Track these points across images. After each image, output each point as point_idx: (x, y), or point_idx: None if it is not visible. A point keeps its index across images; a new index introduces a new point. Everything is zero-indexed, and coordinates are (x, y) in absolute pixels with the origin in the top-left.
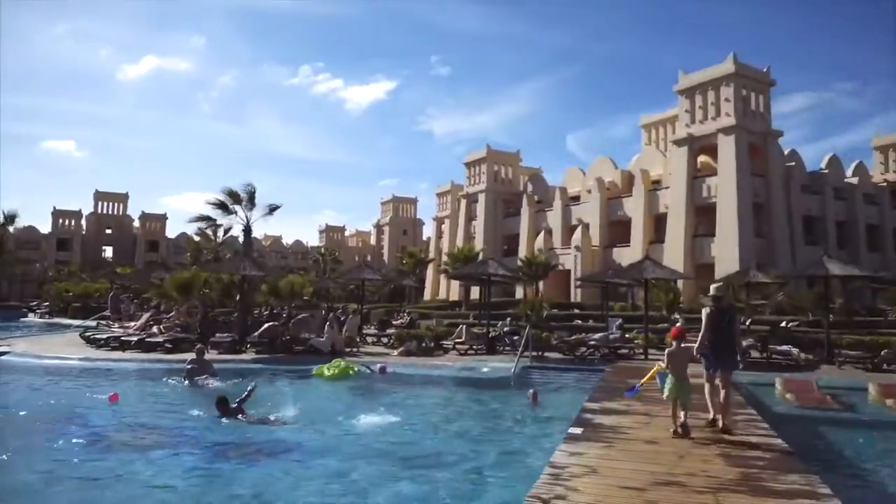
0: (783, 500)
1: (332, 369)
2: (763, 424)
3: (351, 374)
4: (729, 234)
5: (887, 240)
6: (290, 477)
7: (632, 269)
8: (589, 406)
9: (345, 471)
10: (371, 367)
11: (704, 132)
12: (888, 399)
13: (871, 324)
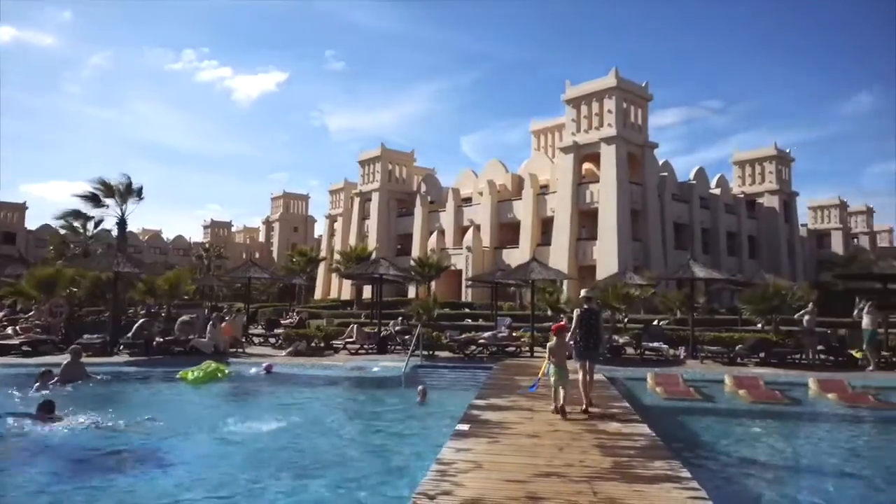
0: (649, 485)
1: (197, 372)
2: (635, 416)
3: (220, 376)
4: (609, 238)
5: (744, 246)
6: (154, 490)
7: (520, 270)
8: (476, 403)
9: (214, 482)
10: (259, 368)
11: (589, 141)
12: (740, 389)
13: (729, 322)
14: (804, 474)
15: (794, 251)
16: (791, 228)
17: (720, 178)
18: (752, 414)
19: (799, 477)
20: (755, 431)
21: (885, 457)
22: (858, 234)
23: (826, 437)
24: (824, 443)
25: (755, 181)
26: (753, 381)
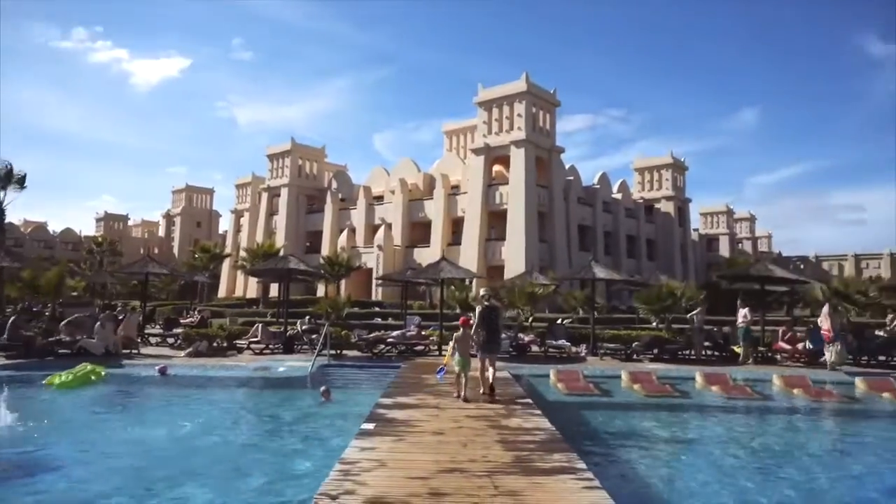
0: (547, 477)
1: (66, 375)
2: (537, 411)
3: (94, 379)
4: (517, 239)
5: (642, 248)
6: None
7: (430, 269)
8: (383, 402)
9: (92, 495)
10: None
11: (499, 143)
12: (635, 384)
13: (627, 320)
14: (691, 461)
15: (687, 254)
16: (684, 233)
17: (622, 184)
18: (646, 407)
19: (686, 464)
20: (648, 423)
21: (760, 441)
22: (743, 239)
23: (710, 427)
24: (708, 431)
25: (653, 187)
26: (647, 376)
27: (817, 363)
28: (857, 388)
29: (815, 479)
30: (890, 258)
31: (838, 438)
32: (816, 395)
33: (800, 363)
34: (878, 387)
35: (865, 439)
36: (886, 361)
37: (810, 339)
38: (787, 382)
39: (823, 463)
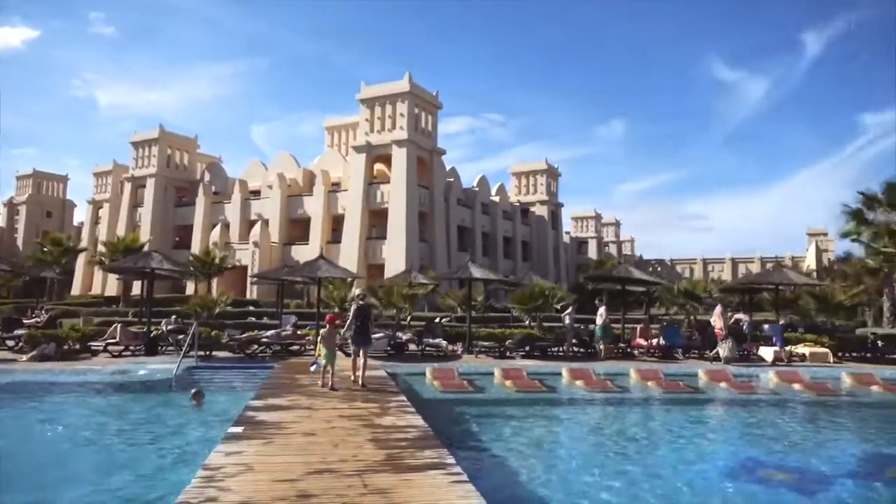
0: (417, 473)
1: None
2: (411, 409)
3: None
4: (398, 238)
5: (518, 249)
6: None
7: (307, 267)
8: (253, 404)
9: None
10: None
11: (381, 142)
12: (507, 380)
13: (503, 319)
14: (556, 451)
15: (559, 256)
16: (557, 235)
17: (500, 187)
18: (517, 402)
19: (551, 454)
20: (518, 417)
21: (617, 429)
22: (609, 243)
23: (574, 418)
24: (571, 422)
25: (529, 191)
26: (518, 372)
27: (670, 357)
28: (701, 380)
29: (663, 461)
30: (731, 262)
31: (683, 424)
32: (667, 387)
33: (654, 358)
34: (716, 378)
35: (708, 424)
36: None
37: (664, 335)
38: (643, 376)
39: (670, 446)
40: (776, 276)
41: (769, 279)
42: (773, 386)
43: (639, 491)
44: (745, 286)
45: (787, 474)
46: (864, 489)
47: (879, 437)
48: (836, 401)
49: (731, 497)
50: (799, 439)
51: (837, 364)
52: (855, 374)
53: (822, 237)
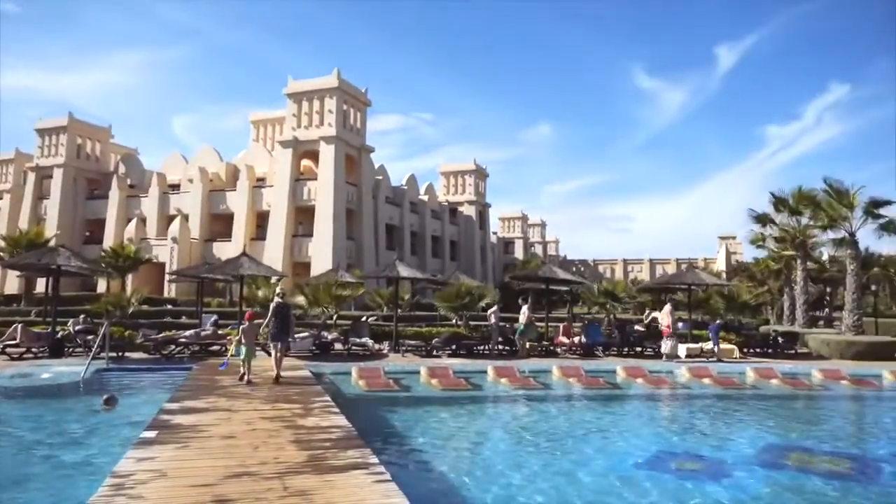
0: (339, 474)
1: None
2: (335, 410)
3: None
4: (324, 236)
5: (446, 249)
6: None
7: (229, 264)
8: (168, 407)
9: None
10: None
11: (308, 138)
12: (433, 379)
13: (430, 318)
14: (480, 448)
15: (487, 255)
16: (484, 235)
17: (429, 186)
18: (441, 400)
19: (476, 451)
20: (443, 415)
21: (539, 424)
22: (535, 243)
23: (498, 415)
24: (497, 419)
25: (457, 191)
26: (444, 370)
27: (590, 355)
28: (619, 376)
29: (582, 454)
30: (649, 263)
31: (602, 419)
32: (588, 383)
33: (576, 355)
34: (633, 374)
35: (625, 418)
36: (642, 352)
37: (585, 334)
38: (564, 373)
39: (589, 440)
40: (689, 276)
41: (682, 279)
42: (684, 381)
43: (559, 484)
44: (660, 286)
45: (697, 463)
46: (766, 475)
47: (779, 426)
48: (740, 394)
49: (644, 487)
50: (708, 430)
51: (743, 359)
52: (757, 369)
53: (731, 241)
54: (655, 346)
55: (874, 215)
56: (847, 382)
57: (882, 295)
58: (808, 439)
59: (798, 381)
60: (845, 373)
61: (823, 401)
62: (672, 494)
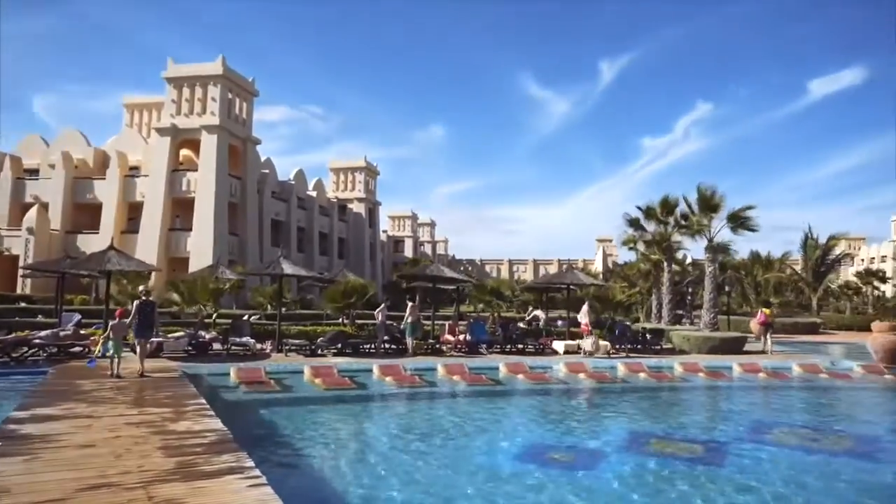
0: (211, 480)
1: None
2: (210, 413)
3: None
4: (205, 230)
5: (334, 246)
6: None
7: (94, 259)
8: (15, 416)
9: None
10: None
11: (189, 126)
12: (317, 378)
13: (317, 316)
14: (362, 448)
15: (376, 254)
16: (374, 233)
17: (317, 182)
18: (325, 400)
19: (358, 450)
20: (325, 415)
21: (425, 423)
22: (424, 242)
23: (382, 414)
24: (381, 418)
25: (347, 188)
26: (328, 370)
27: (475, 352)
28: (501, 372)
29: (464, 449)
30: (533, 264)
31: (484, 414)
32: (471, 380)
33: (461, 353)
34: (514, 370)
35: (506, 413)
36: (523, 349)
37: (470, 332)
38: (449, 370)
39: (469, 436)
40: (568, 276)
41: (562, 279)
42: (562, 376)
43: (439, 481)
44: (541, 285)
45: (571, 454)
46: (632, 462)
47: (645, 416)
48: (612, 387)
49: (521, 479)
50: (582, 422)
51: (615, 355)
52: (627, 364)
53: (607, 243)
54: (536, 343)
55: (735, 220)
56: (703, 374)
57: (735, 295)
58: (669, 427)
59: (662, 375)
60: (702, 366)
61: (684, 392)
62: (546, 484)
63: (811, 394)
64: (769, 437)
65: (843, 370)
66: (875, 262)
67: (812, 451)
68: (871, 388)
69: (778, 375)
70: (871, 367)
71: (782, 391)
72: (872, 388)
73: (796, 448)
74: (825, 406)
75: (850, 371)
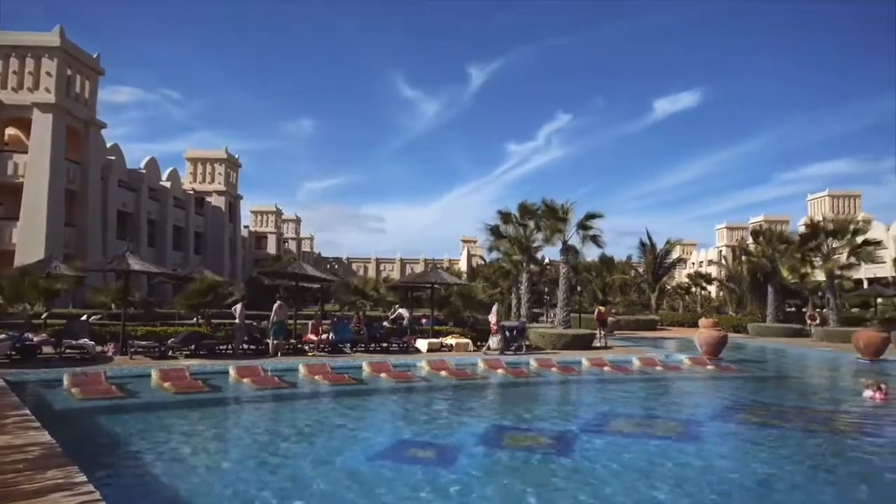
0: (32, 499)
1: None
2: (35, 424)
3: None
4: (35, 220)
5: (190, 241)
6: None
7: None
8: None
9: None
10: None
11: (18, 102)
12: (166, 382)
13: (169, 316)
14: (213, 454)
15: (236, 250)
16: (234, 228)
17: (172, 172)
18: (175, 405)
19: (209, 456)
20: (174, 421)
21: (284, 425)
22: (289, 239)
23: (237, 417)
24: (236, 421)
25: (206, 180)
26: (180, 372)
27: (338, 352)
28: (364, 372)
29: (323, 451)
30: (400, 262)
31: (346, 414)
32: (333, 380)
33: (325, 353)
34: (377, 369)
35: (368, 412)
36: (387, 348)
37: (333, 331)
38: (311, 370)
39: (329, 436)
40: (432, 275)
41: (427, 279)
42: (425, 374)
43: (296, 483)
44: (406, 284)
45: (430, 450)
46: (488, 454)
47: (501, 411)
48: (473, 384)
49: (379, 477)
50: (442, 419)
51: (476, 352)
52: (487, 360)
53: (472, 244)
54: (400, 341)
55: (584, 227)
56: (556, 370)
57: (586, 294)
58: (523, 421)
59: (519, 370)
60: (555, 361)
61: (538, 386)
62: (404, 482)
63: (648, 385)
64: (611, 426)
65: (675, 363)
66: (703, 265)
67: (646, 437)
68: (697, 379)
69: (620, 369)
70: (697, 360)
71: (624, 383)
72: (698, 378)
73: (632, 436)
74: (659, 396)
75: (680, 363)
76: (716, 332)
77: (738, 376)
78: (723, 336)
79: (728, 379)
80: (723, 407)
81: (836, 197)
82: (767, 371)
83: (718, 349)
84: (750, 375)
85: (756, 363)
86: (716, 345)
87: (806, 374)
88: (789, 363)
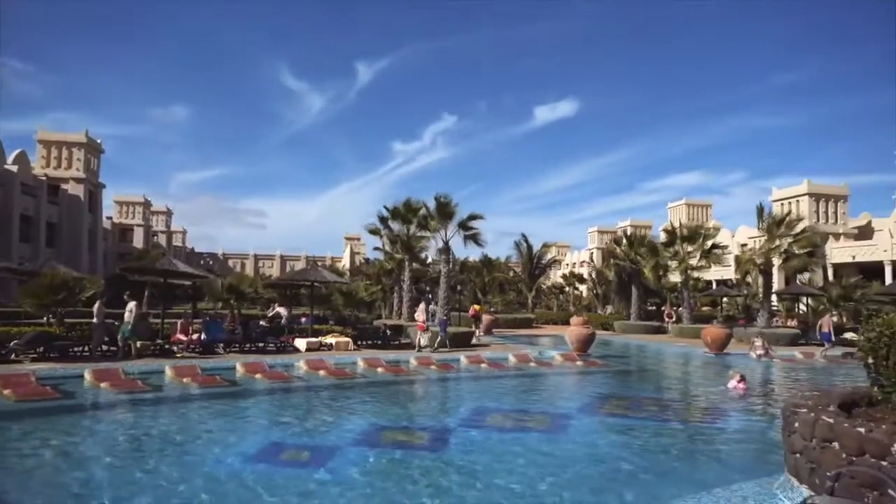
0: None
1: None
2: None
3: None
4: None
5: (41, 232)
6: None
7: None
8: None
9: None
10: None
11: None
12: (6, 389)
13: (14, 314)
14: (62, 467)
15: (97, 243)
16: (95, 219)
17: (20, 154)
18: (17, 414)
19: (55, 471)
20: (15, 433)
21: (145, 431)
22: (158, 232)
23: (93, 425)
24: (91, 430)
25: (61, 165)
26: (24, 378)
27: (210, 352)
28: (238, 372)
29: (191, 456)
30: (280, 259)
31: (216, 417)
32: (204, 382)
33: (195, 354)
34: (252, 370)
35: (241, 414)
36: (264, 347)
37: (205, 330)
38: (178, 372)
39: (200, 440)
40: (312, 273)
41: (306, 276)
42: (302, 373)
43: (162, 493)
44: (285, 282)
45: (305, 452)
46: (363, 455)
47: (379, 410)
48: (352, 383)
49: (252, 482)
50: (319, 420)
51: (356, 351)
52: (367, 359)
53: (356, 241)
54: (278, 341)
55: (465, 227)
56: (435, 367)
57: (467, 293)
58: (401, 419)
59: (399, 369)
60: (434, 359)
61: (418, 384)
62: (279, 486)
63: (522, 380)
64: (487, 421)
65: (547, 358)
66: (577, 266)
67: (519, 430)
68: (568, 373)
69: (497, 365)
70: (568, 356)
71: (500, 379)
72: (568, 372)
73: (506, 429)
74: (533, 391)
75: (552, 359)
76: (585, 329)
77: (604, 371)
78: (591, 333)
79: (595, 373)
80: (589, 400)
81: (692, 206)
82: (630, 365)
83: (587, 345)
84: (614, 370)
85: (619, 358)
86: (585, 341)
87: (661, 367)
88: (649, 358)
